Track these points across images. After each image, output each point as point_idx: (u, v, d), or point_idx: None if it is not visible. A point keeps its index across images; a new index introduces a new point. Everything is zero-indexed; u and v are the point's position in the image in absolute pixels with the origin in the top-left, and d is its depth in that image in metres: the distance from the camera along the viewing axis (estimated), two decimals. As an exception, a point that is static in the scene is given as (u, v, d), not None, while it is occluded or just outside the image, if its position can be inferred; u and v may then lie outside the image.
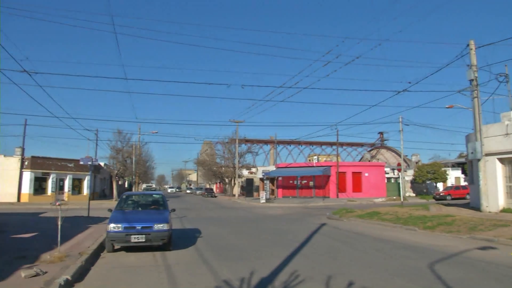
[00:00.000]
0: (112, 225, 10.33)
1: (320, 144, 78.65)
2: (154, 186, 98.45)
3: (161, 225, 10.47)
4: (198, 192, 76.38)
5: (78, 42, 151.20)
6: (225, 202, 46.56)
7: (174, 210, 13.04)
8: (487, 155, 19.37)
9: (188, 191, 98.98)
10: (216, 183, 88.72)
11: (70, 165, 42.96)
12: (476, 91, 19.45)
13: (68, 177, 42.96)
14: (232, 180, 61.40)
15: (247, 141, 65.55)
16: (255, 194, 55.60)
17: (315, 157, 64.79)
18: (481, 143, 19.25)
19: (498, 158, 19.38)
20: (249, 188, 58.56)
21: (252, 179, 60.47)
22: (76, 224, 16.44)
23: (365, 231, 15.89)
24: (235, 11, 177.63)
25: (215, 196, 63.71)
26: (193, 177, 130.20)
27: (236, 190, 58.06)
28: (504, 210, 18.73)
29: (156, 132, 44.78)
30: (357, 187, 49.09)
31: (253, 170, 65.89)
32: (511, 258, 9.79)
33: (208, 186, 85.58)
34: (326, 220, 21.28)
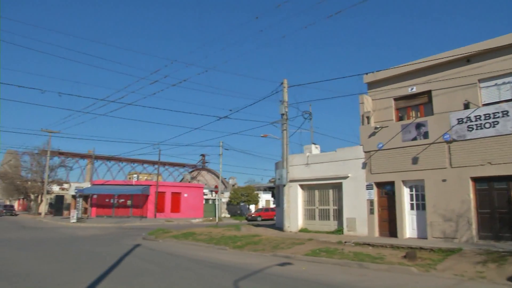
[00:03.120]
0: None
1: (142, 162, 76.74)
2: None
3: None
4: (-7, 209, 66.00)
5: None
6: (28, 221, 41.29)
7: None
8: (291, 181, 21.82)
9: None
10: (19, 200, 78.10)
11: None
12: (285, 124, 21.88)
13: None
14: (39, 197, 54.99)
15: (61, 153, 59.70)
16: (65, 212, 50.88)
17: (135, 175, 62.98)
18: (286, 171, 21.61)
19: (299, 184, 22.02)
20: (58, 206, 53.27)
21: (63, 196, 55.25)
22: None
23: (179, 252, 16.04)
24: (62, 14, 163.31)
25: (16, 214, 56.02)
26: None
27: (43, 207, 52.14)
28: (301, 230, 21.28)
29: None
30: (175, 208, 49.41)
31: (66, 186, 60.25)
32: (304, 272, 11.17)
33: (8, 203, 74.58)
34: (142, 241, 20.77)
